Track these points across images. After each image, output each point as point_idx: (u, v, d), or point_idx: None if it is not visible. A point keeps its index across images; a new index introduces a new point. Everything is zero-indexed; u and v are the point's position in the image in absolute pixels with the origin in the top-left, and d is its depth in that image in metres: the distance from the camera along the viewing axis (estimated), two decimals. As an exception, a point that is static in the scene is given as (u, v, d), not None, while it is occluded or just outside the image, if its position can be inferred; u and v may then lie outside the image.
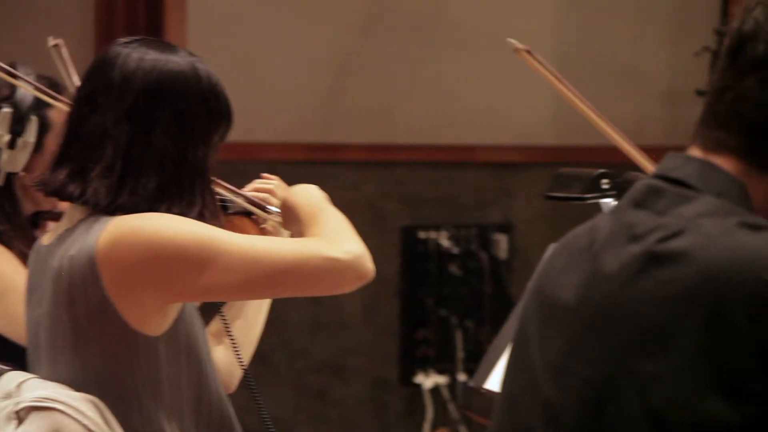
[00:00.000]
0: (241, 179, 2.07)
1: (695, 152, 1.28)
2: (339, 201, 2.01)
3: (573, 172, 2.18)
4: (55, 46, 2.40)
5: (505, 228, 4.59)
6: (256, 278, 1.81)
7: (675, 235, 1.20)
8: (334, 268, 1.83)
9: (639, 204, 1.26)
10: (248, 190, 2.06)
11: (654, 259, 1.19)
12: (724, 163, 1.25)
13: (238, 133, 2.00)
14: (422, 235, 4.51)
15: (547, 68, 2.05)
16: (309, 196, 1.99)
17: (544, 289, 1.32)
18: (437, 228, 4.52)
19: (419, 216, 4.55)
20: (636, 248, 1.21)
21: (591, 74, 4.53)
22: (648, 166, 2.06)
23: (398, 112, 4.53)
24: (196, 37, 4.22)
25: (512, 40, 2.00)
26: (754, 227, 1.18)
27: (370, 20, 4.51)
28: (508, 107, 4.59)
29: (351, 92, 4.49)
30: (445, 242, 4.52)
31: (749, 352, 1.13)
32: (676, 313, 1.16)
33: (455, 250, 4.53)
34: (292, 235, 1.97)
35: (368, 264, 1.87)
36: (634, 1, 4.66)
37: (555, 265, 1.33)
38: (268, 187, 2.07)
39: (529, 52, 2.02)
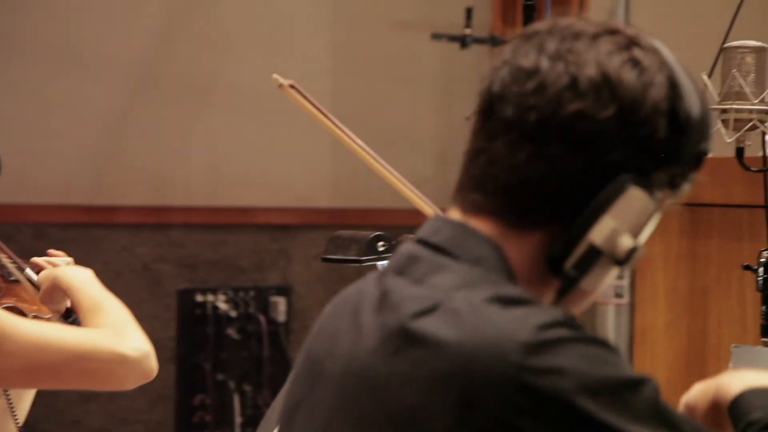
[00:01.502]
0: (8, 242, 1.99)
1: (455, 214, 1.28)
2: (113, 264, 1.96)
3: (349, 234, 2.18)
4: None
5: (284, 290, 4.58)
6: (40, 366, 1.73)
7: (429, 310, 1.18)
8: (121, 364, 1.77)
9: (399, 271, 1.26)
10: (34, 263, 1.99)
11: (408, 338, 1.18)
12: (482, 225, 1.25)
13: (3, 194, 1.92)
14: (199, 298, 4.45)
15: (313, 104, 2.03)
16: (88, 280, 1.93)
17: (313, 353, 1.30)
18: (215, 291, 4.47)
19: (196, 279, 4.49)
20: (391, 320, 1.20)
21: (366, 137, 4.58)
22: (423, 206, 2.08)
23: (174, 173, 4.47)
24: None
25: (276, 76, 1.98)
26: (505, 301, 1.18)
27: (144, 80, 4.45)
28: (286, 169, 4.59)
29: (124, 153, 4.42)
30: (222, 305, 4.47)
31: None
32: (428, 396, 1.16)
33: (233, 313, 4.48)
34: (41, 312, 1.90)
35: (153, 363, 1.81)
36: (407, 67, 4.76)
37: (325, 329, 1.31)
38: (55, 263, 1.99)
39: (293, 86, 2.00)
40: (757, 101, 2.23)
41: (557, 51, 1.23)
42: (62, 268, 1.95)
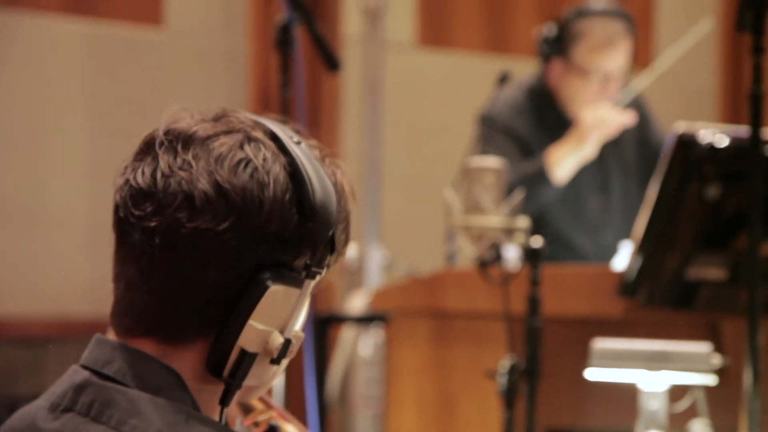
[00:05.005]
0: None
1: (114, 337, 1.25)
2: None
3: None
4: None
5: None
6: None
7: None
8: None
9: (91, 416, 1.21)
10: None
11: None
12: (147, 348, 1.22)
13: None
14: (-54, 413, 4.28)
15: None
16: None
17: None
18: (-38, 405, 4.31)
19: (-57, 393, 4.32)
20: None
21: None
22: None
23: None
24: None
25: None
26: None
27: None
28: (38, 278, 4.50)
29: None
30: (-30, 420, 4.31)
31: None
32: None
33: (-18, 429, 4.32)
34: None
35: None
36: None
37: None
38: None
39: None
40: (496, 217, 2.36)
41: (170, 166, 1.20)
42: None
